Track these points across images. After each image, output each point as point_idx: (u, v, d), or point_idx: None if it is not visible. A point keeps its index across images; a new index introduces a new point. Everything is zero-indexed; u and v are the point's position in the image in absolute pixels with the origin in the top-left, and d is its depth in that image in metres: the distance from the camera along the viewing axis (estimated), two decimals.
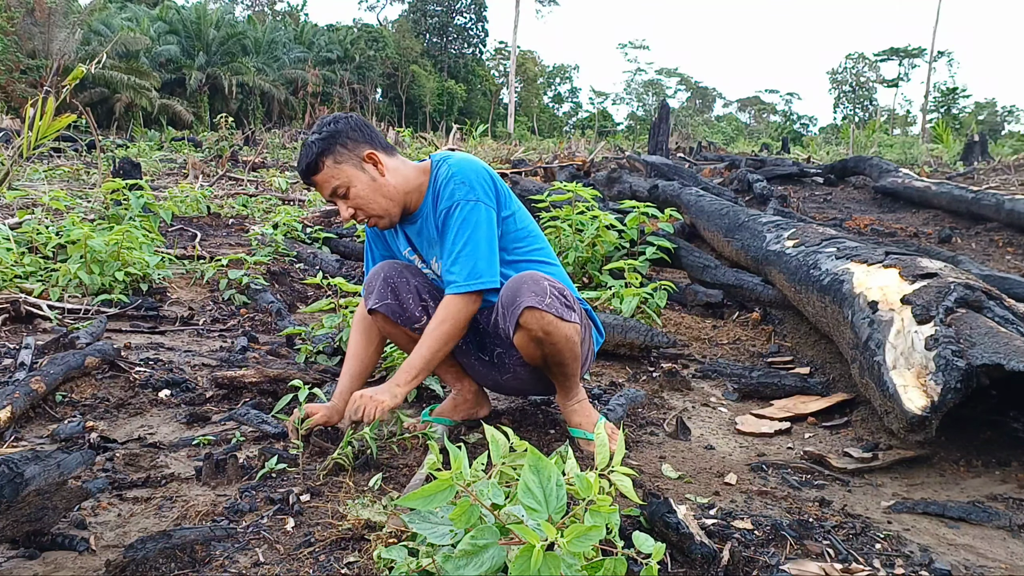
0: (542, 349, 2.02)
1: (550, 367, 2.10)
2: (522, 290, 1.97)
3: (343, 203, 2.06)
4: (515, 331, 2.00)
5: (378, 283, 2.15)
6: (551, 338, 1.99)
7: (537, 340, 1.99)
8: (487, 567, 1.12)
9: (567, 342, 2.02)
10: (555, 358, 2.05)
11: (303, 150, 2.05)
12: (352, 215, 2.09)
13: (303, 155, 2.04)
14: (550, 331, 1.98)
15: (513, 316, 1.97)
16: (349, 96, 37.70)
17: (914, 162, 13.63)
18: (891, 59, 59.74)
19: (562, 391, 2.20)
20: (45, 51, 25.10)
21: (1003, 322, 2.26)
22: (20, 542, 1.48)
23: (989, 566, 1.60)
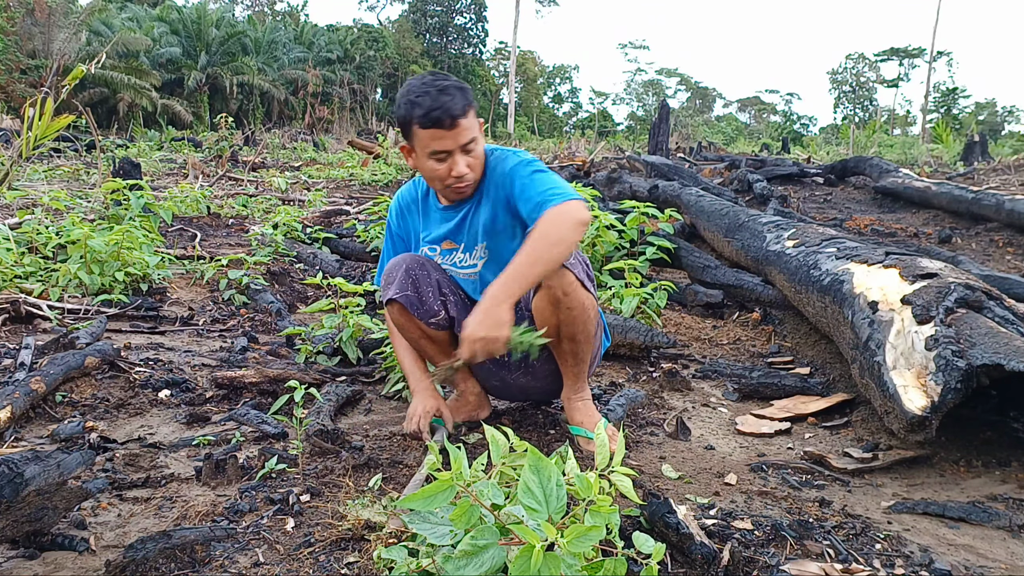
0: (558, 315, 2.00)
1: (562, 342, 2.08)
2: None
3: (464, 158, 1.98)
4: (536, 292, 1.98)
5: (399, 273, 2.13)
6: (569, 300, 1.97)
7: (556, 301, 1.97)
8: (487, 567, 1.12)
9: (583, 312, 2.01)
10: (569, 328, 2.03)
11: (442, 94, 1.90)
12: (465, 173, 1.99)
13: (449, 96, 1.90)
14: (569, 292, 1.96)
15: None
16: (349, 96, 37.69)
17: (914, 162, 13.63)
18: (891, 59, 59.72)
19: (569, 381, 2.19)
20: (45, 51, 25.10)
21: (1003, 322, 2.26)
22: (20, 542, 1.48)
23: (989, 566, 1.60)
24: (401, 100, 1.97)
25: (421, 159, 2.01)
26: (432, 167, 2.00)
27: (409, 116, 1.94)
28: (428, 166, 2.00)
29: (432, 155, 1.97)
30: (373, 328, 3.04)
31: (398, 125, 2.03)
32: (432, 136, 1.93)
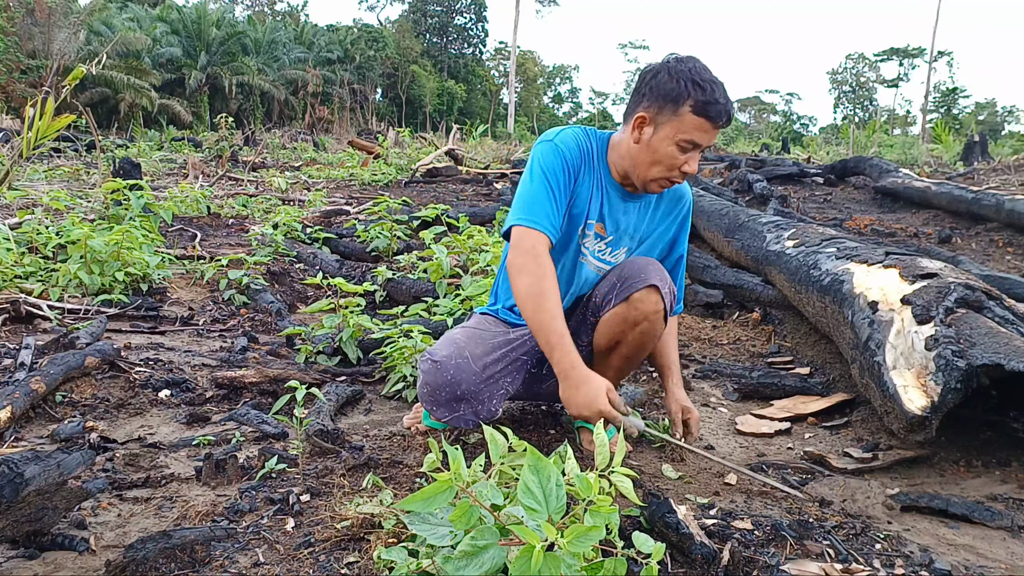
0: (627, 335, 1.97)
1: (612, 359, 2.05)
2: (650, 269, 1.95)
3: (697, 156, 1.91)
4: (618, 303, 1.94)
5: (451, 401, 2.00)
6: (647, 327, 1.94)
7: (633, 323, 1.93)
8: (487, 568, 1.12)
9: (652, 340, 2.00)
10: (631, 349, 2.01)
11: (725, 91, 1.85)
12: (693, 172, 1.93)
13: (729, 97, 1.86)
14: (652, 320, 1.94)
15: (630, 289, 1.92)
16: (349, 96, 37.69)
17: (914, 162, 13.63)
18: (891, 59, 59.75)
19: None
20: (45, 51, 25.09)
21: (1003, 322, 2.26)
22: (20, 542, 1.48)
23: (989, 566, 1.60)
24: (680, 76, 1.82)
25: (663, 140, 1.87)
26: (671, 153, 1.87)
27: (686, 95, 1.81)
28: (666, 150, 1.87)
29: (680, 142, 1.85)
30: (373, 328, 3.04)
31: (658, 96, 1.85)
32: (698, 126, 1.83)
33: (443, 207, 6.05)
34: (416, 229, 5.96)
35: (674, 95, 1.83)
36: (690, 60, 1.86)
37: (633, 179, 1.98)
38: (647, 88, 1.88)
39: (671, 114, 1.84)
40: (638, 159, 1.93)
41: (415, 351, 2.65)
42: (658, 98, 1.85)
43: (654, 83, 1.86)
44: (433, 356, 1.97)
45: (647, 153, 1.90)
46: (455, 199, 8.44)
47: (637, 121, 1.90)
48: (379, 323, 3.15)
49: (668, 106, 1.84)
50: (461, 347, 1.98)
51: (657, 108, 1.86)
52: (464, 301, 3.39)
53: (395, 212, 6.19)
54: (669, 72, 1.84)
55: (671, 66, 1.85)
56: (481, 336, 2.05)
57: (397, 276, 4.10)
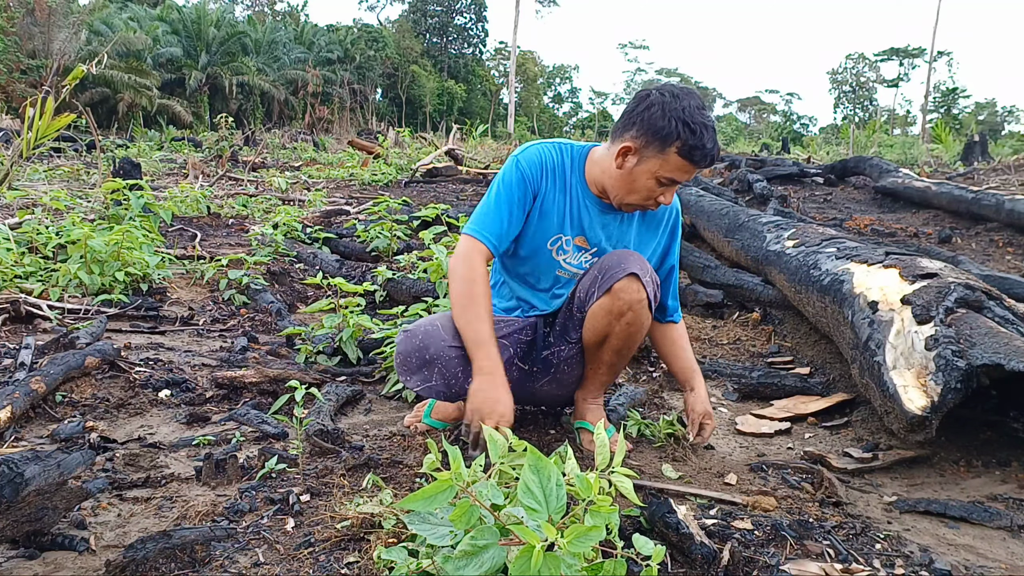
0: (614, 327, 1.98)
1: (603, 354, 2.06)
2: (630, 260, 1.96)
3: (675, 190, 1.96)
4: (601, 296, 1.95)
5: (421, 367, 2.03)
6: (632, 317, 1.95)
7: (619, 313, 1.94)
8: (487, 568, 1.12)
9: (640, 331, 2.01)
10: (620, 342, 2.02)
11: (715, 136, 1.87)
12: (666, 204, 1.99)
13: (717, 143, 1.88)
14: (637, 310, 1.95)
15: (610, 280, 1.93)
16: (349, 96, 37.69)
17: (914, 162, 13.63)
18: (891, 59, 59.74)
19: (593, 386, 2.19)
20: (45, 51, 25.09)
21: (1003, 322, 2.26)
22: (20, 542, 1.48)
23: (989, 566, 1.60)
24: (673, 114, 1.82)
25: (643, 173, 1.90)
26: (648, 186, 1.91)
27: (676, 136, 1.82)
28: (645, 182, 1.91)
29: (661, 178, 1.89)
30: (373, 328, 3.04)
31: (647, 130, 1.86)
32: (681, 167, 1.87)
33: (443, 207, 6.05)
34: (416, 229, 5.95)
35: (663, 133, 1.83)
36: (686, 97, 1.86)
37: (610, 196, 2.03)
38: (638, 118, 1.88)
39: (657, 151, 1.86)
40: (616, 184, 1.97)
41: None
42: (647, 132, 1.86)
43: (646, 115, 1.86)
44: (406, 328, 2.08)
45: (626, 181, 1.94)
46: (455, 199, 8.44)
47: (622, 150, 1.91)
48: (379, 323, 3.15)
49: (655, 143, 1.85)
50: (433, 319, 2.06)
51: (644, 141, 1.87)
52: None
53: (395, 212, 6.19)
54: (663, 108, 1.84)
55: (666, 102, 1.85)
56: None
57: (397, 276, 4.10)
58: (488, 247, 1.97)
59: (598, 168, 2.02)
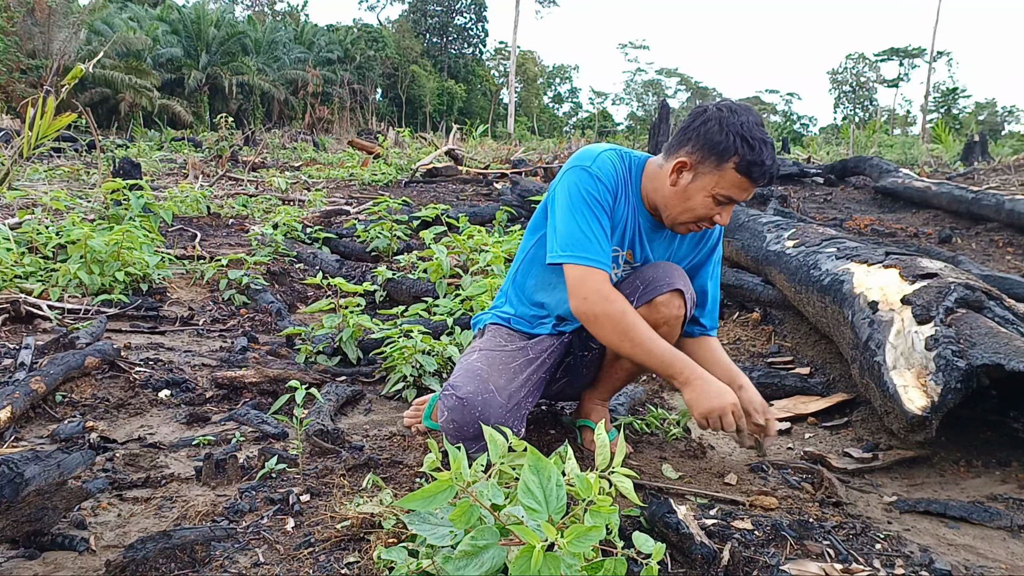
0: None
1: (624, 362, 2.06)
2: (675, 274, 1.95)
3: (731, 209, 1.90)
4: (640, 306, 1.93)
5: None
6: (665, 331, 1.93)
7: (655, 325, 1.90)
8: (487, 568, 1.12)
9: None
10: None
11: (773, 151, 1.83)
12: (722, 224, 1.94)
13: (776, 159, 1.83)
14: (672, 326, 1.94)
15: (653, 292, 1.91)
16: (349, 96, 37.69)
17: (914, 162, 13.63)
18: (891, 59, 59.75)
19: (604, 389, 2.20)
20: (45, 51, 25.10)
21: (1003, 322, 2.26)
22: (20, 542, 1.48)
23: (989, 566, 1.60)
24: (730, 129, 1.78)
25: (699, 190, 1.85)
26: (706, 204, 1.85)
27: (734, 151, 1.78)
28: (701, 200, 1.85)
29: (717, 195, 1.83)
30: (373, 328, 3.04)
31: (703, 145, 1.82)
32: (739, 184, 1.81)
33: (443, 207, 6.06)
34: (416, 229, 5.96)
35: (721, 148, 1.79)
36: (744, 112, 1.82)
37: (662, 216, 1.96)
38: (694, 133, 1.84)
39: (713, 167, 1.81)
40: (671, 201, 1.91)
41: (415, 351, 2.65)
42: (703, 147, 1.81)
43: (703, 130, 1.82)
44: (457, 392, 1.86)
45: (681, 198, 1.88)
46: (455, 199, 8.44)
47: (677, 165, 1.86)
48: (379, 323, 3.15)
49: (712, 158, 1.81)
50: (485, 379, 1.89)
51: (700, 157, 1.82)
52: (464, 301, 3.39)
53: (395, 212, 6.19)
54: (720, 123, 1.80)
55: (723, 116, 1.81)
56: (502, 360, 1.98)
57: (397, 276, 4.10)
58: (607, 272, 1.88)
59: (651, 185, 1.96)
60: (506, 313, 2.16)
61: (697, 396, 1.81)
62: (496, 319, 2.17)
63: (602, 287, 1.85)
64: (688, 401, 1.83)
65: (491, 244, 4.21)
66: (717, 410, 1.80)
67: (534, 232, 2.09)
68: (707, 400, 1.80)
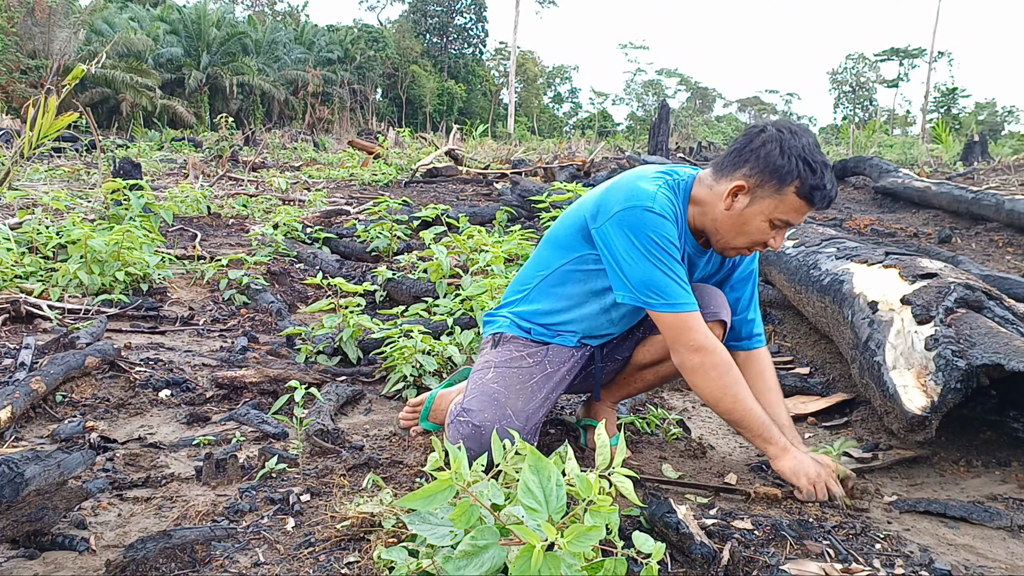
0: (671, 359, 1.91)
1: (646, 374, 2.09)
2: (719, 302, 1.95)
3: (785, 233, 1.86)
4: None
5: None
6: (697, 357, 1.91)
7: (687, 349, 1.84)
8: (487, 567, 1.12)
9: None
10: (669, 371, 2.04)
11: (833, 176, 1.79)
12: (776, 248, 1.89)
13: (835, 185, 1.79)
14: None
15: None
16: (349, 96, 37.70)
17: (914, 162, 13.63)
18: (891, 59, 59.75)
19: (618, 394, 2.21)
20: (45, 51, 25.10)
21: (1003, 322, 2.26)
22: (20, 542, 1.48)
23: (989, 566, 1.60)
24: (792, 152, 1.74)
25: (757, 215, 1.79)
26: (761, 228, 1.81)
27: (795, 175, 1.73)
28: (758, 224, 1.80)
29: (775, 220, 1.79)
30: (373, 328, 3.04)
31: (763, 168, 1.76)
32: (798, 208, 1.77)
33: (443, 207, 6.06)
34: (416, 229, 5.96)
35: (782, 172, 1.74)
36: (804, 134, 1.78)
37: (711, 240, 1.91)
38: (752, 155, 1.78)
39: (774, 191, 1.76)
40: (724, 226, 1.85)
41: (415, 351, 2.65)
42: (763, 170, 1.76)
43: (762, 152, 1.77)
44: (473, 419, 1.81)
45: (736, 223, 1.83)
46: (455, 199, 8.44)
47: (733, 189, 1.80)
48: (379, 323, 3.15)
49: (773, 182, 1.76)
50: (502, 404, 1.84)
51: (759, 180, 1.77)
52: (464, 301, 3.39)
53: (395, 212, 6.19)
54: (781, 145, 1.75)
55: (784, 138, 1.76)
56: (519, 379, 1.91)
57: (397, 276, 4.10)
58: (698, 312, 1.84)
59: (699, 210, 1.89)
60: (527, 323, 2.03)
61: (796, 468, 1.84)
62: (515, 328, 2.04)
63: (709, 336, 1.82)
64: (788, 472, 1.85)
65: (491, 244, 4.21)
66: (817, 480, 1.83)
67: (567, 250, 1.97)
68: (806, 472, 1.83)
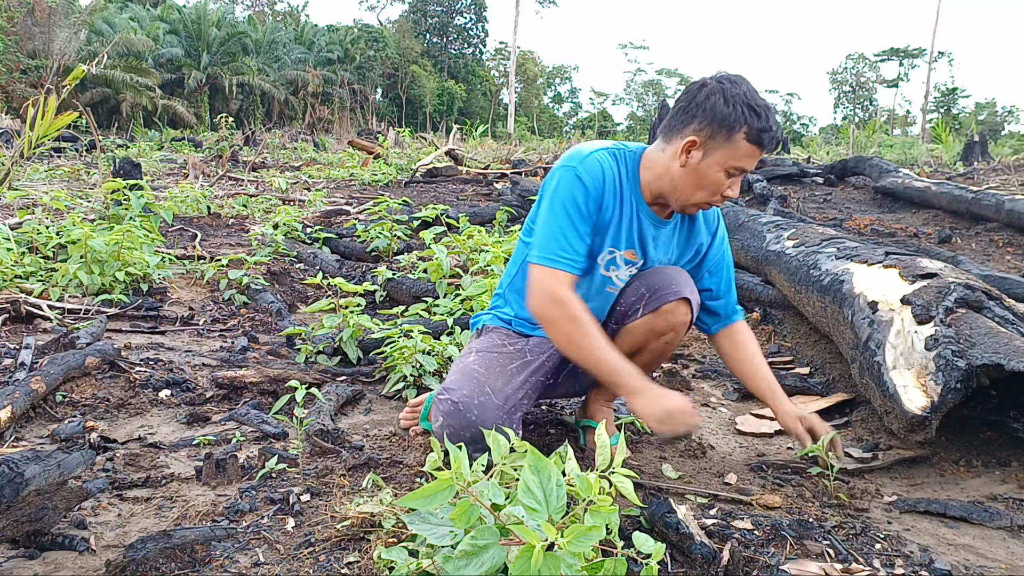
0: (649, 343, 1.95)
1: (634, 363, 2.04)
2: (681, 280, 1.94)
3: (740, 180, 1.86)
4: (646, 314, 1.92)
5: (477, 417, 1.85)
6: (672, 337, 1.94)
7: (660, 333, 1.91)
8: (487, 567, 1.12)
9: (670, 352, 2.00)
10: (649, 357, 2.01)
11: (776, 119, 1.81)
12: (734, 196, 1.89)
13: (779, 126, 1.82)
14: (678, 331, 1.94)
15: (660, 300, 1.90)
16: (349, 96, 37.70)
17: (914, 162, 13.63)
18: (891, 59, 59.76)
19: (610, 394, 2.19)
20: (45, 51, 25.10)
21: (1003, 322, 2.26)
22: (20, 542, 1.48)
23: (989, 566, 1.60)
24: (736, 100, 1.77)
25: (712, 166, 1.81)
26: (718, 179, 1.82)
27: (740, 122, 1.76)
28: (714, 176, 1.82)
29: (730, 168, 1.81)
30: (373, 328, 3.04)
31: (711, 120, 1.78)
32: (751, 154, 1.80)
33: (443, 207, 6.06)
34: (416, 229, 5.95)
35: (730, 121, 1.77)
36: (743, 82, 1.82)
37: (670, 201, 1.92)
38: (699, 110, 1.80)
39: (724, 140, 1.79)
40: (682, 183, 1.86)
41: (415, 351, 2.65)
42: (712, 122, 1.79)
43: (707, 105, 1.79)
44: (452, 395, 1.84)
45: (694, 178, 1.84)
46: (455, 199, 8.44)
47: (686, 145, 1.82)
48: (379, 323, 3.15)
49: (722, 132, 1.78)
50: (481, 382, 1.87)
51: (709, 132, 1.79)
52: (464, 301, 3.39)
53: (395, 212, 6.19)
54: (724, 96, 1.78)
55: (726, 89, 1.79)
56: (499, 362, 1.95)
57: (397, 276, 4.10)
58: (571, 273, 1.84)
59: (653, 173, 1.91)
60: (507, 315, 2.12)
61: (647, 404, 1.77)
62: (496, 320, 2.14)
63: (557, 289, 1.82)
64: (639, 412, 1.79)
65: (491, 244, 4.21)
66: (675, 409, 1.75)
67: (527, 235, 2.04)
68: (657, 405, 1.76)
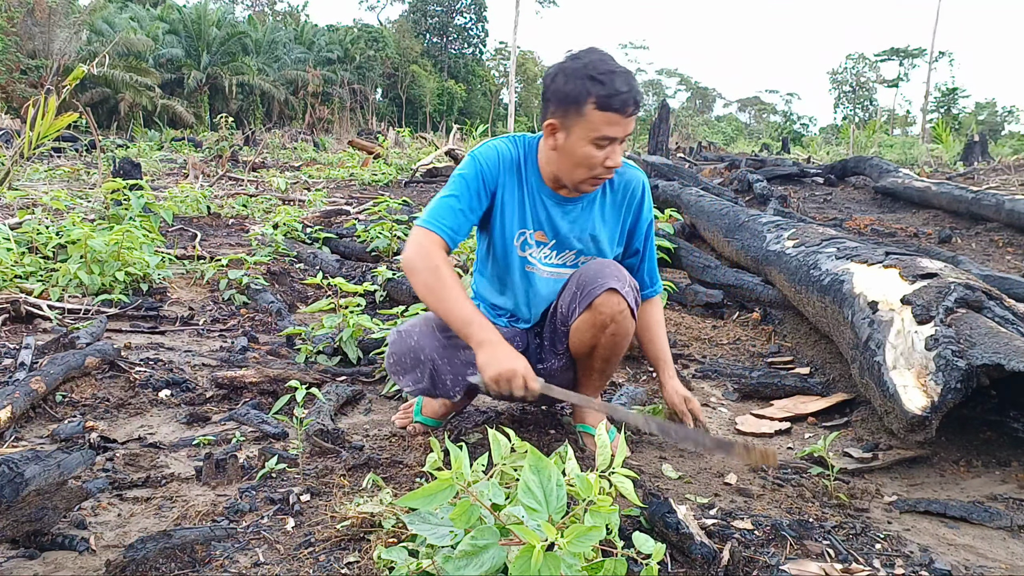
0: (599, 339, 1.97)
1: (593, 362, 2.06)
2: (606, 272, 1.94)
3: (618, 148, 1.86)
4: (582, 311, 1.94)
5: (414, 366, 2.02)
6: (616, 327, 1.94)
7: (601, 326, 1.93)
8: (487, 567, 1.12)
9: (625, 339, 2.00)
10: (606, 352, 2.01)
11: (629, 77, 1.80)
12: (618, 165, 1.89)
13: (633, 84, 1.80)
14: (619, 321, 1.94)
15: (590, 296, 1.92)
16: (349, 96, 37.69)
17: (914, 162, 13.63)
18: (891, 59, 59.72)
19: (587, 391, 2.18)
20: (45, 51, 25.10)
21: (1003, 322, 2.26)
22: (20, 542, 1.48)
23: (989, 566, 1.60)
24: (575, 75, 1.79)
25: (577, 142, 1.84)
26: (589, 153, 1.83)
27: (586, 94, 1.77)
28: (584, 151, 1.83)
29: (594, 140, 1.82)
30: (373, 328, 3.04)
31: (559, 100, 1.82)
32: (607, 120, 1.79)
33: None
34: None
35: (574, 96, 1.79)
36: (586, 54, 1.83)
37: (565, 182, 1.97)
38: (549, 94, 1.86)
39: (576, 116, 1.81)
40: (560, 164, 1.92)
41: None
42: (560, 102, 1.83)
43: (553, 87, 1.84)
44: (400, 328, 2.05)
45: (566, 158, 1.89)
46: None
47: (548, 129, 1.88)
48: (379, 323, 3.15)
49: (571, 108, 1.81)
50: (428, 318, 2.03)
51: (562, 113, 1.83)
52: None
53: (395, 212, 6.19)
54: (564, 73, 1.81)
55: (566, 66, 1.82)
56: None
57: (397, 276, 4.10)
58: (444, 238, 1.90)
59: (543, 158, 2.00)
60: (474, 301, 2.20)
61: (488, 359, 1.78)
62: None
63: (427, 245, 1.88)
64: (480, 364, 1.80)
65: None
66: (506, 374, 1.76)
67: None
68: (497, 364, 1.76)
